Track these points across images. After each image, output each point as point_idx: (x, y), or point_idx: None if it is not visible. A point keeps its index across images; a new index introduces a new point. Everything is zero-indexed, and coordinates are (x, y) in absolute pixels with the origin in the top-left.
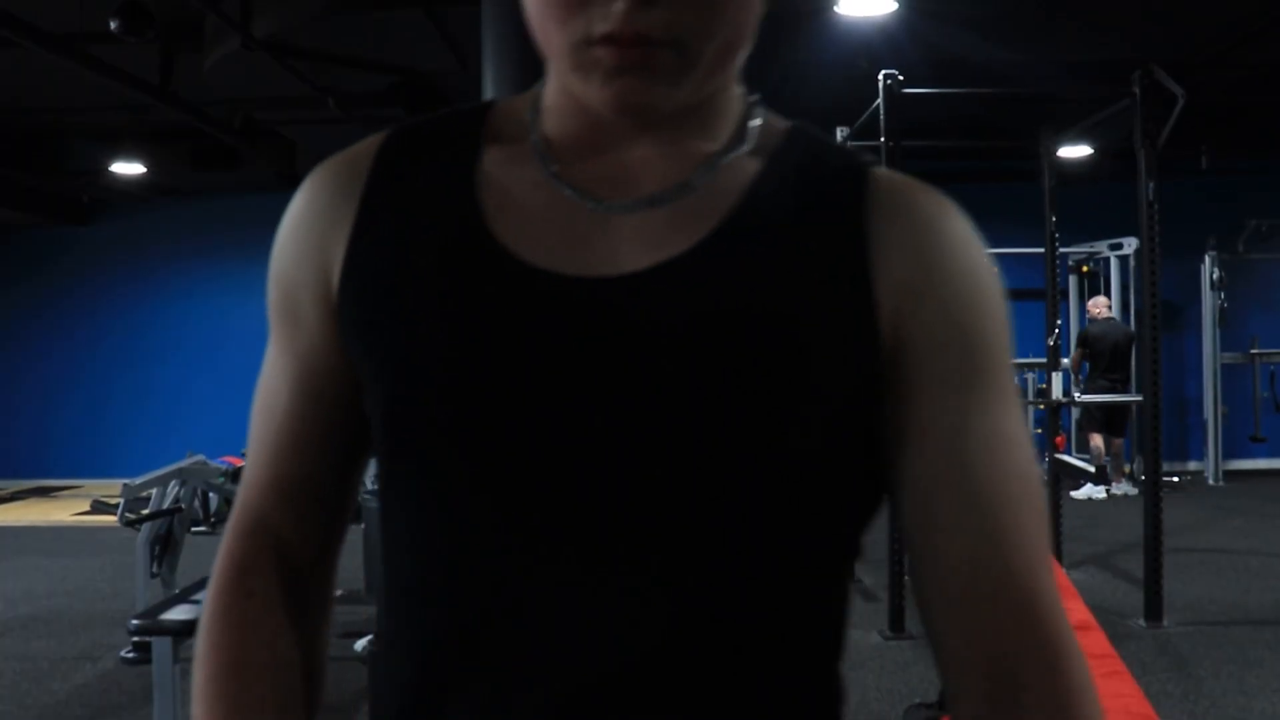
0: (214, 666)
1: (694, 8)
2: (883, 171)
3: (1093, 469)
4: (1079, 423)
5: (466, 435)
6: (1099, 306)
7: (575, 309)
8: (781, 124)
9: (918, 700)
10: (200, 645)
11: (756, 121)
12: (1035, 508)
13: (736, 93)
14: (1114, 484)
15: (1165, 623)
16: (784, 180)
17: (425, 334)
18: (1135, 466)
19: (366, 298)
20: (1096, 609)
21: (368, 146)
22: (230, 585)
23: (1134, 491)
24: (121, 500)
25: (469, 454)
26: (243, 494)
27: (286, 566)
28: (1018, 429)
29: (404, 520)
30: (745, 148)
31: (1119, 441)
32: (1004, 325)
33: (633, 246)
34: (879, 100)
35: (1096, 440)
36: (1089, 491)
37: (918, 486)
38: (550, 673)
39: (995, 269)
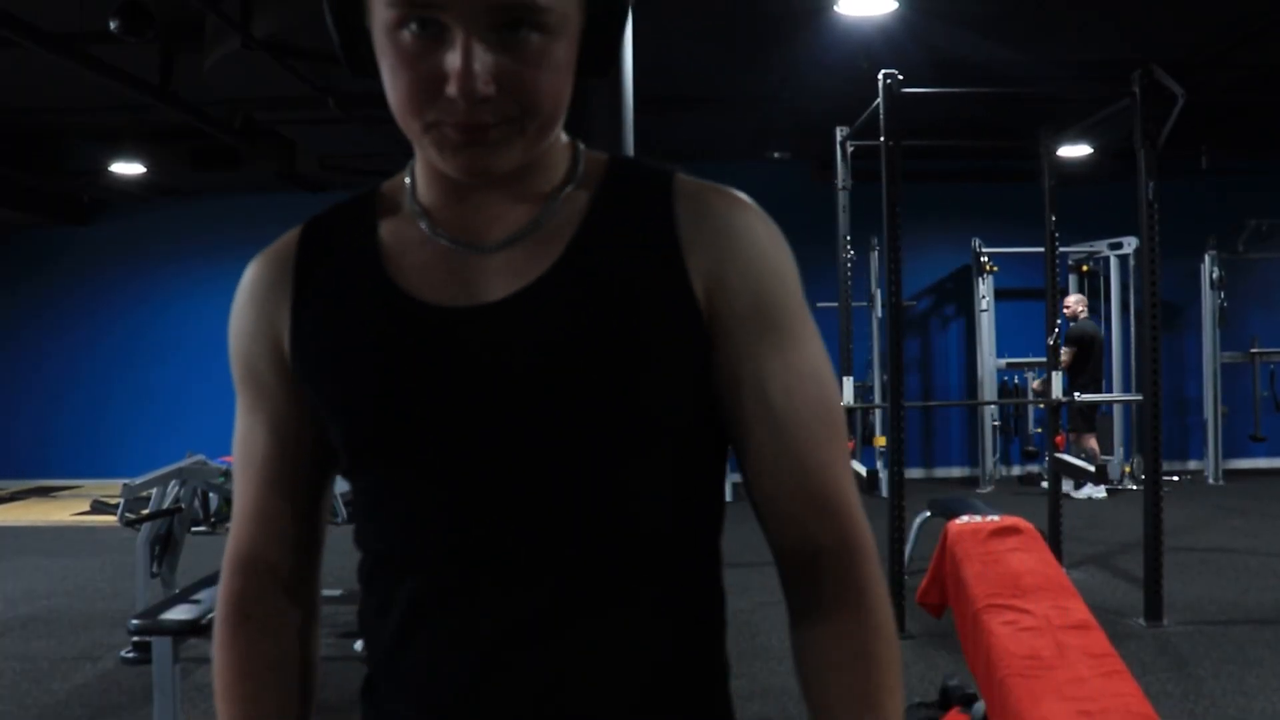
0: (224, 683)
1: (515, 97)
2: (683, 181)
3: (1093, 469)
4: (1066, 426)
5: (395, 450)
6: (1081, 305)
7: (460, 331)
8: (601, 157)
9: (917, 700)
10: (214, 665)
11: (580, 160)
12: (828, 422)
13: (563, 140)
14: (1092, 486)
15: (1165, 622)
16: (609, 205)
17: (356, 373)
18: (1135, 466)
19: (311, 355)
20: (1096, 608)
21: (290, 239)
22: (231, 614)
23: (1102, 493)
24: (121, 500)
25: (400, 463)
26: (234, 531)
27: (276, 587)
28: (810, 364)
29: (366, 516)
30: (574, 184)
31: (1075, 437)
32: (791, 287)
33: (502, 278)
34: (879, 100)
35: (1091, 441)
36: (1089, 491)
37: (738, 422)
38: (483, 617)
39: (783, 243)
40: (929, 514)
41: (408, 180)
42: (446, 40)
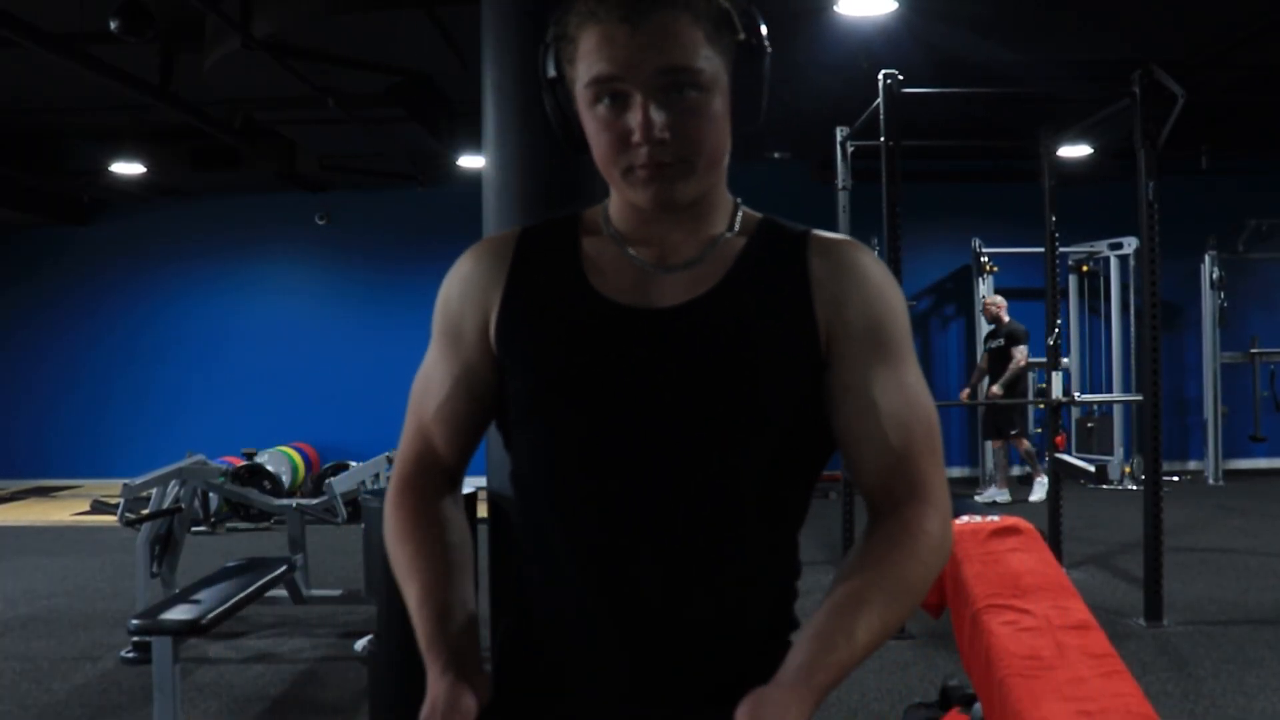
0: (399, 531)
1: (683, 141)
2: (817, 234)
3: (1093, 469)
4: (984, 426)
5: (574, 403)
6: (1001, 306)
7: (639, 325)
8: (756, 215)
9: (917, 700)
10: (387, 526)
11: (739, 214)
12: (922, 421)
13: (727, 196)
14: (998, 490)
15: (1165, 622)
16: (759, 249)
17: (552, 343)
18: (1135, 466)
19: (516, 328)
20: (1096, 608)
21: (508, 236)
22: (403, 486)
23: (1007, 499)
24: (122, 500)
25: (576, 414)
26: (406, 441)
27: (437, 473)
28: (910, 378)
29: (532, 452)
30: (733, 231)
31: (1001, 444)
32: (900, 316)
33: (673, 291)
34: (879, 100)
35: (998, 444)
36: (993, 495)
37: (848, 420)
38: (614, 543)
39: (894, 282)
40: None
41: (605, 211)
42: (630, 106)
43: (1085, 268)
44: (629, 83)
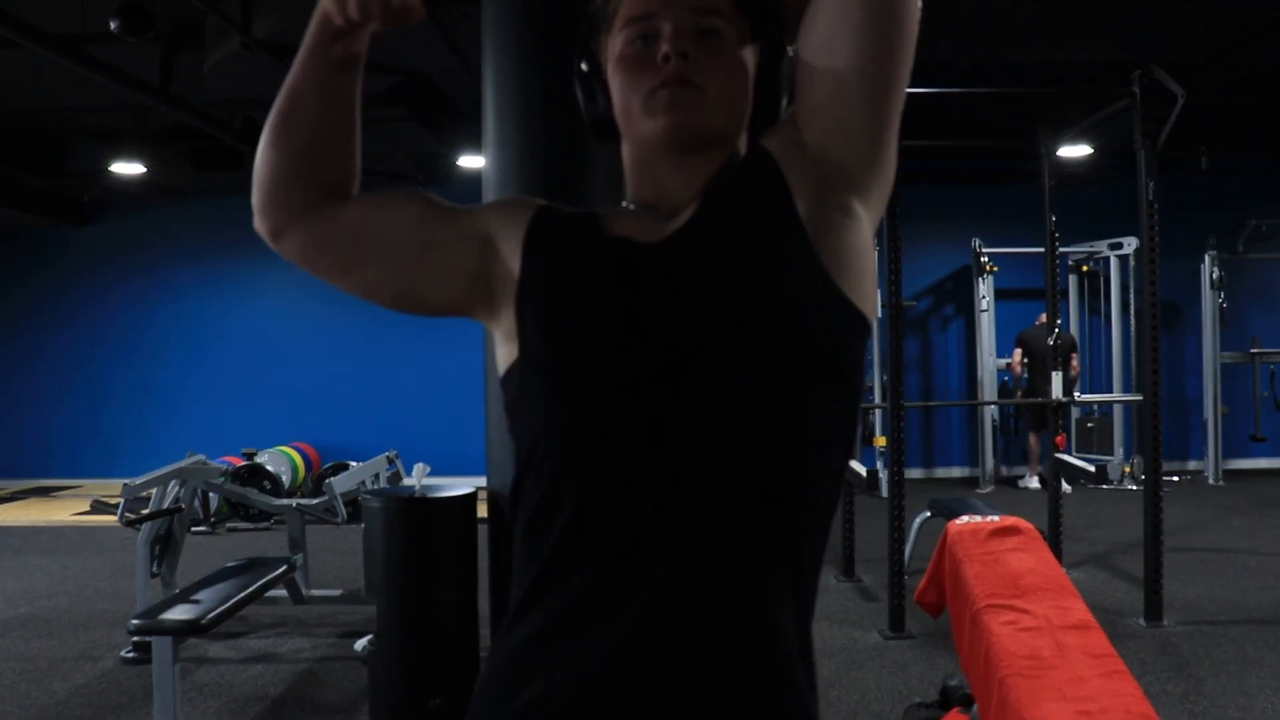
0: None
1: (708, 67)
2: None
3: (1092, 469)
4: (1017, 425)
5: (597, 324)
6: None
7: (646, 255)
8: None
9: (917, 699)
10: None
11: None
12: None
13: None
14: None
15: (1165, 622)
16: (733, 165)
17: (577, 283)
18: (1135, 466)
19: (540, 284)
20: (1097, 608)
21: (531, 201)
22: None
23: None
24: (122, 500)
25: (598, 335)
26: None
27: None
28: None
29: (544, 406)
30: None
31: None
32: None
33: (673, 225)
34: None
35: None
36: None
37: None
38: (643, 482)
39: None
40: (929, 514)
41: (624, 202)
42: (660, 39)
43: (1085, 268)
44: (661, 18)
